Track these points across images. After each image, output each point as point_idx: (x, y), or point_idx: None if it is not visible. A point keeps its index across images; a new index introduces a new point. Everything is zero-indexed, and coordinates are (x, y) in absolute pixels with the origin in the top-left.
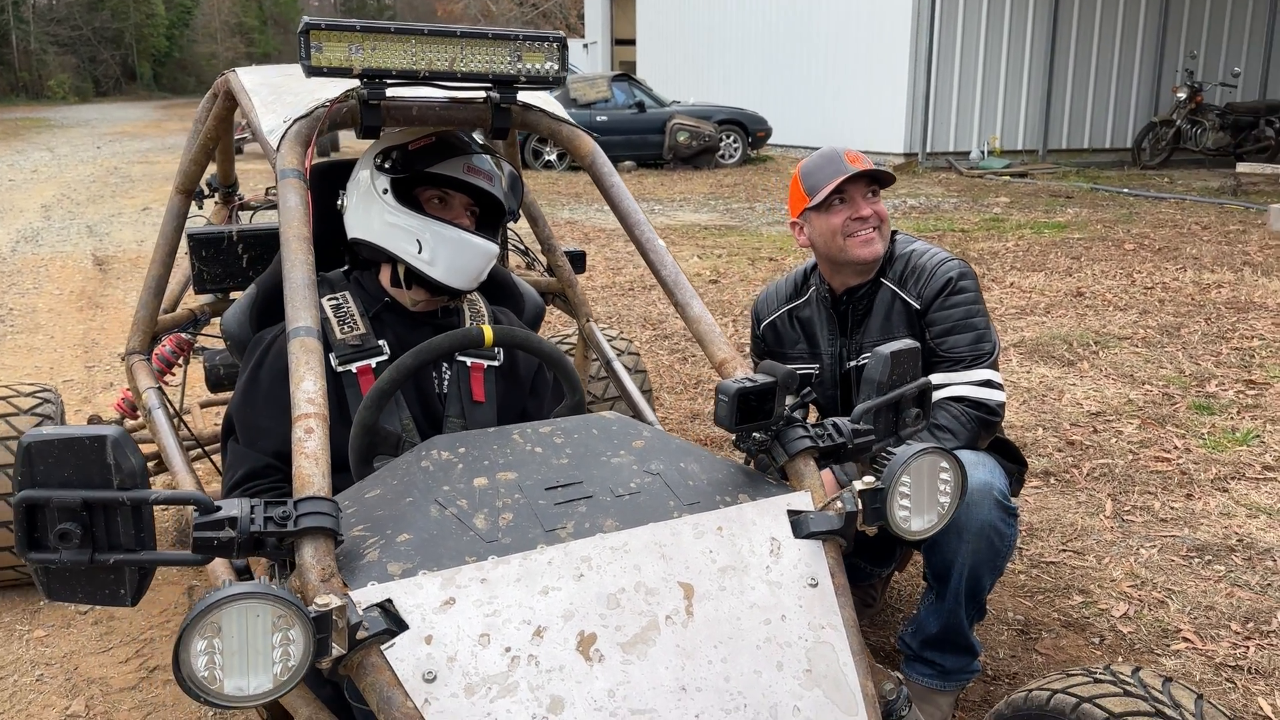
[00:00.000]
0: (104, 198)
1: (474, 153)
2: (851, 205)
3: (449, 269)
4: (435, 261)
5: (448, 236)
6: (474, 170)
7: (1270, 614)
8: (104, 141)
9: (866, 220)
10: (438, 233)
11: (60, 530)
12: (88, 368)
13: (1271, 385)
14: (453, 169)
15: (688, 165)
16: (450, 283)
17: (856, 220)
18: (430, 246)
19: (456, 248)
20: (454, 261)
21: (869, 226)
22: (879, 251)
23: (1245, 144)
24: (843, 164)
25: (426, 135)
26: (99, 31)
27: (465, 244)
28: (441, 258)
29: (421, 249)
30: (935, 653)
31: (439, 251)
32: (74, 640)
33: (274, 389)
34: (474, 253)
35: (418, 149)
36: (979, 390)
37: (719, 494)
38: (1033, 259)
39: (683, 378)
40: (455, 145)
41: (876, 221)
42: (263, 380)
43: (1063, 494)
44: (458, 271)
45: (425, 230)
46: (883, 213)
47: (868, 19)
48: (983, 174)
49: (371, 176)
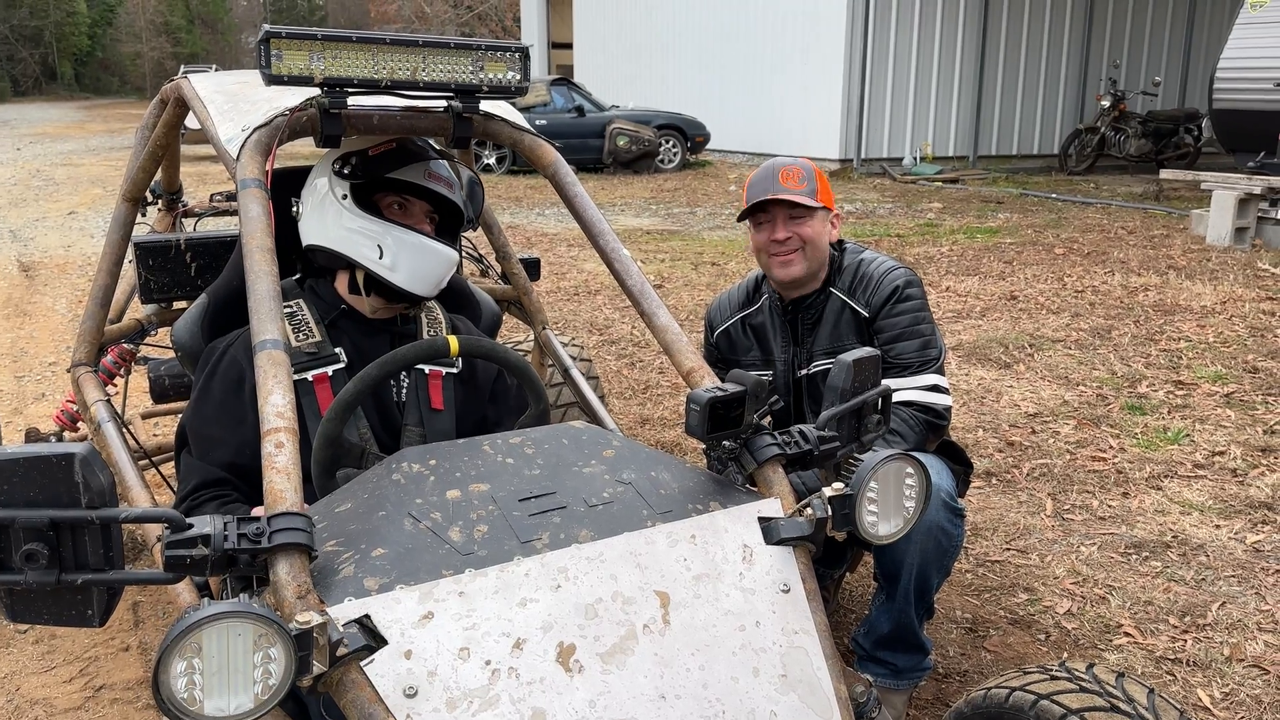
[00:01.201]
0: (27, 201)
1: (433, 158)
2: (770, 227)
3: (410, 275)
4: (397, 267)
5: (409, 242)
6: (434, 176)
7: (1205, 608)
8: (24, 143)
9: (783, 243)
10: (399, 238)
11: (26, 551)
12: (17, 378)
13: (1199, 385)
14: (413, 174)
15: (628, 170)
16: (411, 289)
17: (774, 242)
18: (391, 252)
19: (418, 253)
20: (415, 267)
21: (788, 249)
22: (796, 274)
23: (1166, 150)
24: (772, 183)
25: (386, 141)
26: (16, 29)
27: (427, 249)
28: (403, 263)
29: (383, 254)
30: (888, 652)
31: (400, 257)
32: (14, 660)
33: (226, 399)
34: (435, 259)
35: (378, 154)
36: (927, 395)
37: (691, 502)
38: (967, 263)
39: (631, 383)
40: (414, 151)
41: (798, 244)
42: (214, 391)
43: (1004, 494)
44: (419, 278)
45: (386, 235)
46: (807, 234)
47: (803, 27)
48: (916, 180)
49: (330, 183)
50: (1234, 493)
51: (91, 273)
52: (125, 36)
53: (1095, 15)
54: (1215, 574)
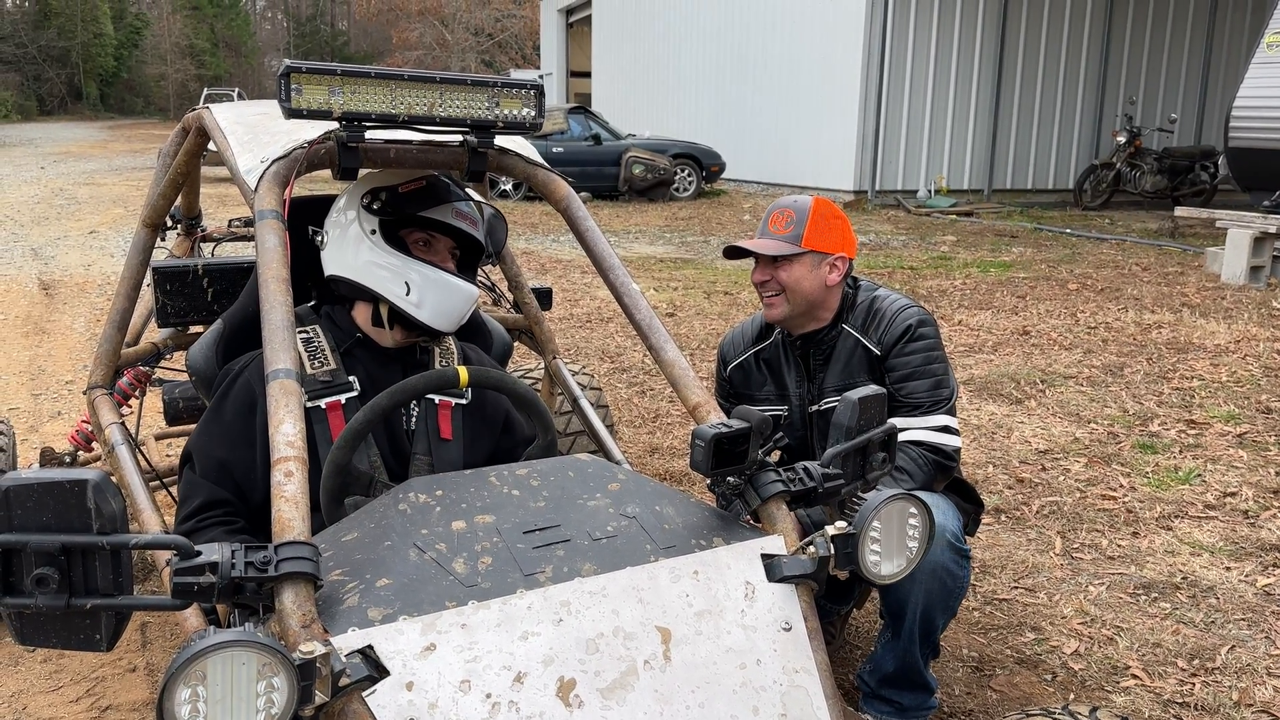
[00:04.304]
0: (49, 220)
1: (459, 198)
2: (758, 269)
3: (435, 312)
4: (422, 304)
5: (435, 280)
6: (461, 215)
7: (1215, 651)
8: (48, 162)
9: (765, 285)
10: (426, 275)
11: (37, 575)
12: (34, 395)
13: (1211, 425)
14: (444, 214)
15: (643, 198)
16: (435, 325)
17: (758, 284)
18: (418, 289)
19: (443, 290)
20: (440, 304)
21: (768, 292)
22: (776, 315)
23: (1182, 187)
24: (764, 226)
25: (416, 179)
26: (45, 50)
27: (451, 287)
28: (429, 300)
29: (409, 291)
30: (892, 690)
31: (426, 294)
32: (22, 679)
33: (236, 422)
34: (459, 296)
35: (409, 192)
36: (936, 435)
37: (694, 537)
38: (980, 297)
39: (642, 411)
40: (442, 190)
41: (775, 289)
42: (226, 412)
43: (1013, 531)
44: (443, 314)
45: (413, 272)
46: (783, 279)
47: (819, 59)
48: (930, 212)
49: (359, 217)
50: (1245, 534)
51: (111, 292)
52: (150, 58)
53: (1111, 51)
54: (1225, 617)
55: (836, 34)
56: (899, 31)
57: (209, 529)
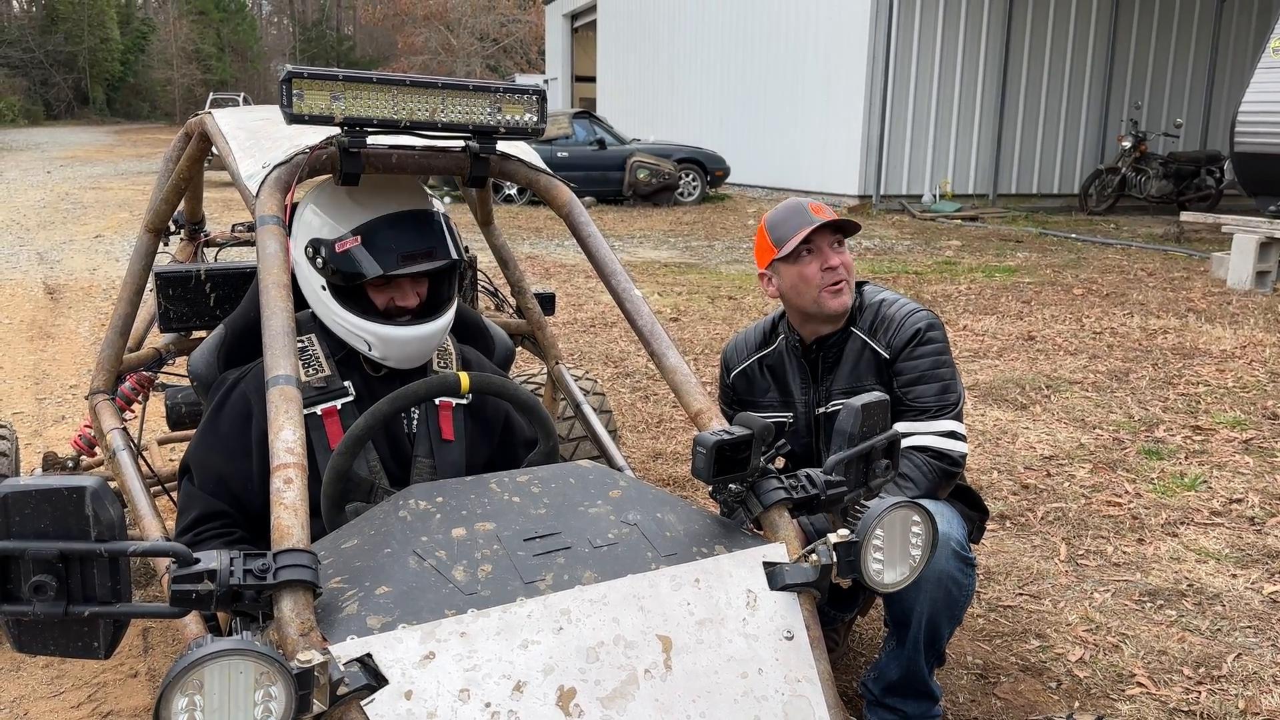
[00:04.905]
0: (55, 224)
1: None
2: (820, 256)
3: (401, 360)
4: (388, 357)
5: (393, 338)
6: (411, 257)
7: (1220, 659)
8: (55, 166)
9: (836, 270)
10: (383, 337)
11: (35, 583)
12: (39, 400)
13: (1217, 431)
14: (388, 264)
15: (647, 202)
16: (404, 368)
17: (827, 270)
18: (379, 349)
19: (404, 345)
20: (404, 355)
21: (839, 277)
22: (848, 302)
23: (1187, 192)
24: (808, 215)
25: (351, 235)
26: (51, 54)
27: (412, 340)
28: (393, 354)
29: (371, 348)
30: (897, 699)
31: (389, 350)
32: (23, 684)
33: (232, 433)
34: (422, 343)
35: (343, 252)
36: (942, 441)
37: (696, 545)
38: (985, 302)
39: (645, 416)
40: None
41: (845, 273)
42: (222, 424)
43: (1018, 537)
44: (410, 359)
45: (370, 335)
46: (849, 263)
47: (824, 63)
48: (935, 217)
49: (306, 266)
50: (1251, 541)
51: (115, 296)
52: (157, 63)
53: (1117, 56)
54: (1231, 624)
55: (841, 38)
56: (904, 36)
57: (206, 541)
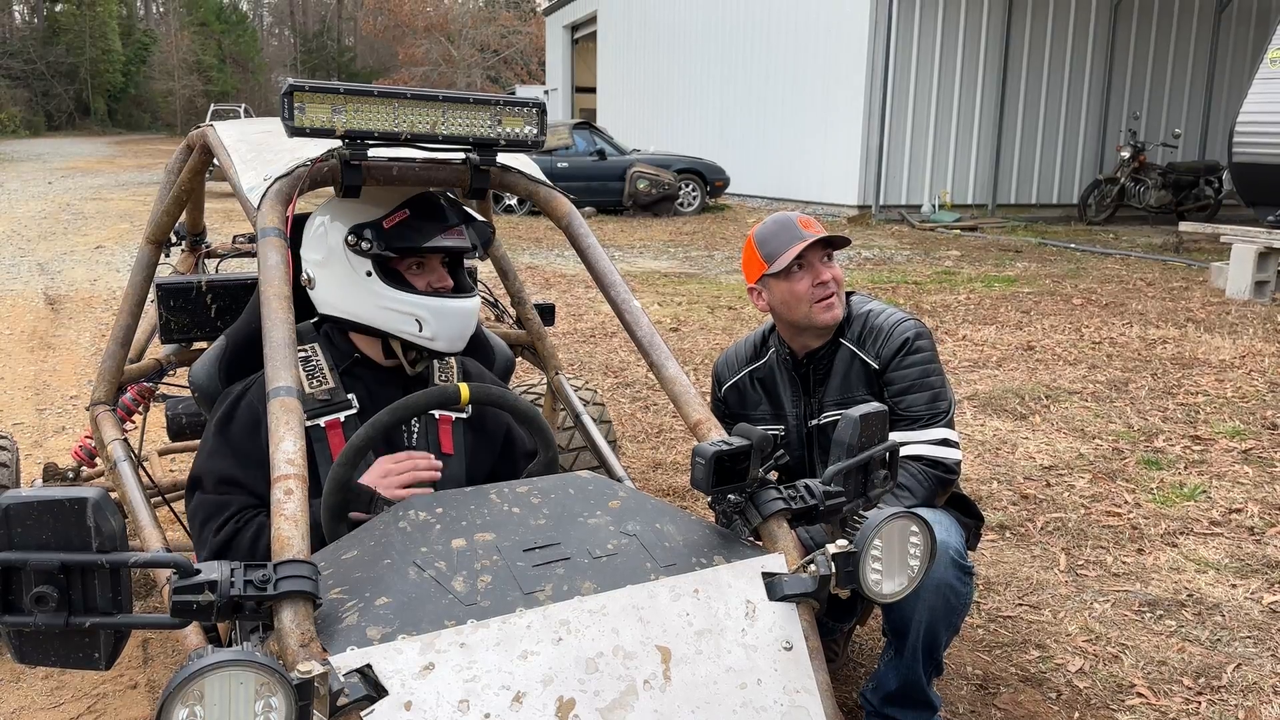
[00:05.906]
0: (56, 235)
1: (445, 219)
2: (811, 270)
3: (449, 340)
4: (437, 336)
5: (445, 310)
6: (450, 232)
7: (1220, 669)
8: (56, 177)
9: (827, 285)
10: (437, 310)
11: (36, 594)
12: (39, 410)
13: (1216, 441)
14: (433, 237)
15: (647, 212)
16: (451, 350)
17: (819, 285)
18: (431, 325)
19: (454, 317)
20: (452, 331)
21: (830, 291)
22: (839, 315)
23: (1186, 202)
24: (799, 230)
25: (399, 210)
26: (53, 66)
27: (460, 311)
28: (443, 331)
29: (423, 327)
30: (896, 709)
31: (440, 326)
32: (23, 695)
33: (245, 443)
34: (467, 315)
35: (393, 226)
36: (936, 449)
37: (695, 556)
38: (984, 312)
39: (645, 426)
40: (428, 210)
41: (835, 286)
42: (233, 434)
43: (1018, 547)
44: (457, 339)
45: (423, 309)
46: (839, 276)
47: (823, 74)
48: (934, 227)
49: (348, 258)
50: (1251, 551)
51: (116, 307)
52: (158, 74)
53: (1115, 66)
54: (1231, 635)
55: (840, 48)
56: (903, 46)
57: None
